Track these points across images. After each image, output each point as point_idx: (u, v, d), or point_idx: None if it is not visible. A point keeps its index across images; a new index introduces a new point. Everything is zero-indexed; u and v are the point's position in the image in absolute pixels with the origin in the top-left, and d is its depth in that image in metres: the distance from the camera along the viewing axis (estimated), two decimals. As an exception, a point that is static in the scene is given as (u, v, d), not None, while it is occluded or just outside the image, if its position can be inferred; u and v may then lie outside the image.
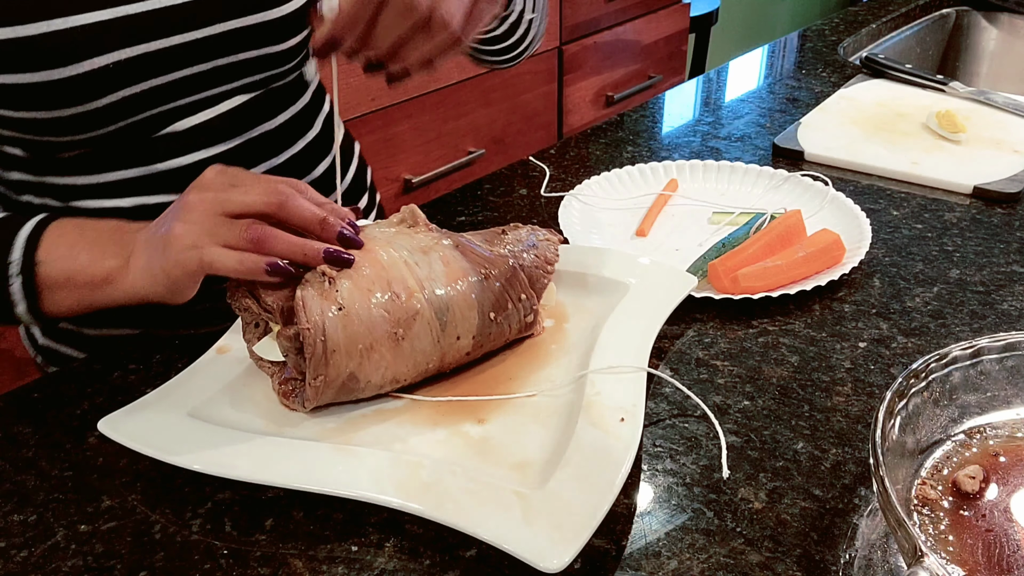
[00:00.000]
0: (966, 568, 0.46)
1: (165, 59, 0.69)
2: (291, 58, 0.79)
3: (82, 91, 0.65)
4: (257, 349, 0.61)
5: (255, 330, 0.61)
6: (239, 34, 0.73)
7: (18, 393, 0.66)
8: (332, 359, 0.55)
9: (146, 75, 0.68)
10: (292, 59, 0.79)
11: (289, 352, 0.56)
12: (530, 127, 2.23)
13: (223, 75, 0.74)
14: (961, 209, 0.89)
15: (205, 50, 0.71)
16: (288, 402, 0.59)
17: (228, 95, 0.76)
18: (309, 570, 0.50)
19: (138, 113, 0.70)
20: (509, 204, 0.92)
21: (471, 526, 0.48)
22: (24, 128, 0.67)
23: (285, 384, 0.60)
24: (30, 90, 0.64)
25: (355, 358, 0.56)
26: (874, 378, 0.65)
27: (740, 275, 0.73)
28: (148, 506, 0.55)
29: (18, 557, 0.52)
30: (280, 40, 0.76)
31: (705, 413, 0.61)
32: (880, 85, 1.22)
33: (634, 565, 0.50)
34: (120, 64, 0.66)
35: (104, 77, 0.65)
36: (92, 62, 0.64)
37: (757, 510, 0.53)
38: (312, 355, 0.55)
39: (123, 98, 0.68)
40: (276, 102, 0.80)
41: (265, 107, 0.79)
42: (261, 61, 0.76)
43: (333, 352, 0.55)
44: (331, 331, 0.55)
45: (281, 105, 0.81)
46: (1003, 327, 0.70)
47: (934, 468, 0.52)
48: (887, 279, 0.77)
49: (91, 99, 0.66)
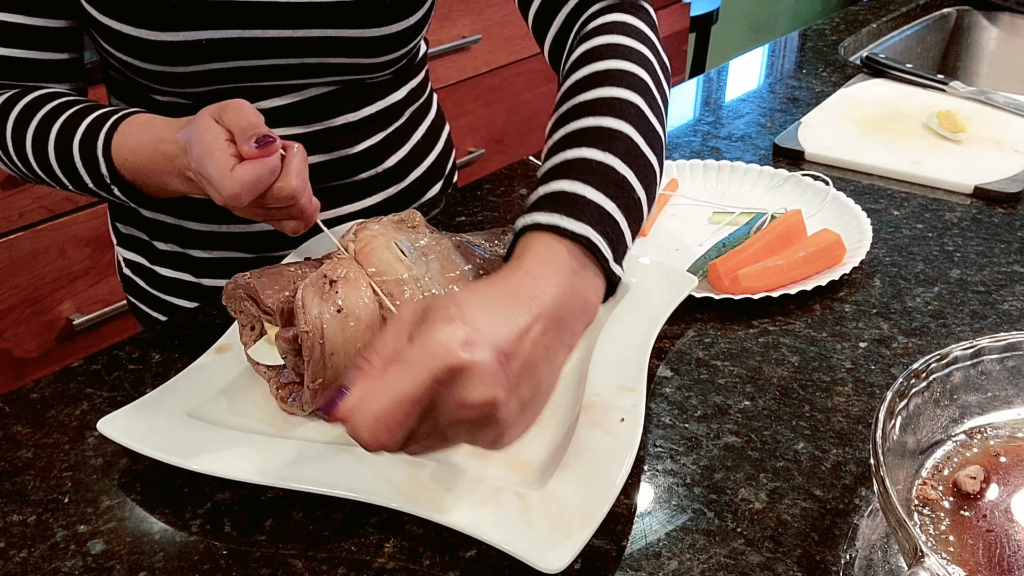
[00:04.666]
0: (967, 568, 0.46)
1: (256, 47, 0.73)
2: (383, 68, 0.81)
3: (174, 55, 0.71)
4: (252, 353, 0.60)
5: (251, 333, 0.61)
6: (333, 42, 0.76)
7: (18, 393, 0.65)
8: (330, 362, 0.55)
9: (234, 56, 0.73)
10: (384, 69, 0.82)
11: (288, 354, 0.56)
12: (530, 127, 2.23)
13: (310, 71, 0.77)
14: (962, 209, 0.89)
15: (296, 47, 0.75)
16: (286, 406, 0.59)
17: (314, 86, 0.79)
18: (309, 570, 0.50)
19: (222, 84, 0.75)
20: (509, 204, 0.92)
21: (471, 526, 0.48)
22: (127, 66, 0.74)
23: (283, 388, 0.59)
24: (132, 41, 0.71)
25: (353, 360, 0.56)
26: (875, 378, 0.65)
27: (740, 275, 0.73)
28: (147, 506, 0.55)
29: (17, 557, 0.52)
30: (373, 55, 0.79)
31: (705, 413, 0.61)
32: (881, 85, 1.22)
33: (634, 565, 0.50)
34: (212, 42, 0.71)
35: (195, 49, 0.71)
36: (187, 34, 0.70)
37: (757, 510, 0.53)
38: (310, 357, 0.54)
39: (210, 70, 0.73)
40: (363, 95, 0.83)
41: (349, 99, 0.82)
42: (351, 67, 0.79)
43: (331, 355, 0.55)
44: (330, 333, 0.55)
45: (368, 99, 0.84)
46: (1004, 327, 0.70)
47: (935, 468, 0.52)
48: (888, 279, 0.77)
49: (181, 64, 0.72)
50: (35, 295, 1.46)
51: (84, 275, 1.51)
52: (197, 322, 0.73)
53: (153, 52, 0.71)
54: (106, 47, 0.73)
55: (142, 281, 0.89)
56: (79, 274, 1.50)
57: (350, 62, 0.78)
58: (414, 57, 0.89)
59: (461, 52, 1.95)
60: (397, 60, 0.82)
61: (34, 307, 1.47)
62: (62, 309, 1.50)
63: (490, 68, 2.05)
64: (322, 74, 0.78)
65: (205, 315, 0.74)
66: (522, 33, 2.08)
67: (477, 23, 1.96)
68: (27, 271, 1.44)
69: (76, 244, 1.47)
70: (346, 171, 0.85)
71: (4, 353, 1.46)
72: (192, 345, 0.70)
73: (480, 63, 2.01)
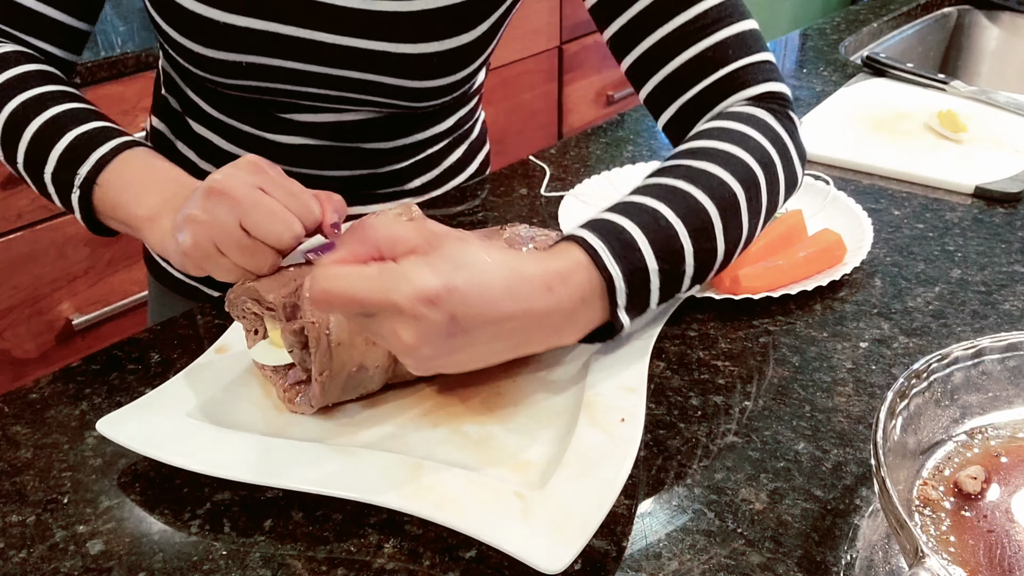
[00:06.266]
0: (968, 569, 0.46)
1: (295, 76, 0.73)
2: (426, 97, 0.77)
3: (218, 69, 0.73)
4: (254, 354, 0.60)
5: (255, 337, 0.61)
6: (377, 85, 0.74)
7: (17, 393, 0.65)
8: (336, 353, 0.55)
9: (274, 79, 0.73)
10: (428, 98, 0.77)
11: (294, 347, 0.56)
12: (530, 127, 2.23)
13: (348, 101, 0.76)
14: (962, 209, 0.89)
15: (338, 83, 0.74)
16: (295, 407, 0.59)
17: (350, 111, 0.78)
18: (308, 571, 0.50)
19: (262, 95, 0.76)
20: (509, 204, 0.92)
21: (471, 527, 0.48)
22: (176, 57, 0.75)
23: (290, 390, 0.59)
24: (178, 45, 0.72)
25: (359, 349, 0.56)
26: (875, 378, 0.64)
27: (741, 275, 0.73)
28: (147, 507, 0.55)
29: (17, 558, 0.52)
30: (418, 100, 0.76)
31: (705, 413, 0.61)
32: (881, 84, 1.21)
33: (634, 566, 0.50)
34: (253, 65, 0.72)
35: (237, 69, 0.73)
36: (230, 55, 0.71)
37: (758, 511, 0.53)
38: (317, 349, 0.54)
39: (250, 86, 0.75)
40: (400, 126, 0.81)
41: (386, 128, 0.80)
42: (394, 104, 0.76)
43: (338, 345, 0.55)
44: (335, 324, 0.54)
45: (409, 129, 0.82)
46: (1005, 327, 0.70)
47: (935, 469, 0.52)
48: (888, 279, 0.77)
49: (224, 76, 0.74)
50: (35, 295, 1.46)
51: (83, 275, 1.51)
52: (197, 322, 0.73)
53: (198, 61, 0.73)
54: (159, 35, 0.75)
55: (166, 263, 0.89)
56: (78, 274, 1.50)
57: (392, 102, 0.76)
58: (467, 90, 0.84)
59: (461, 52, 1.95)
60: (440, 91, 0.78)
61: (33, 307, 1.47)
62: (61, 309, 1.50)
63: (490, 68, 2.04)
64: (362, 105, 0.77)
65: (205, 315, 0.74)
66: (522, 33, 2.08)
67: (477, 23, 1.95)
68: (26, 271, 1.44)
69: (75, 244, 1.47)
70: (368, 186, 0.84)
71: (4, 353, 1.46)
72: (192, 345, 0.70)
73: (480, 63, 2.01)
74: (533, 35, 2.11)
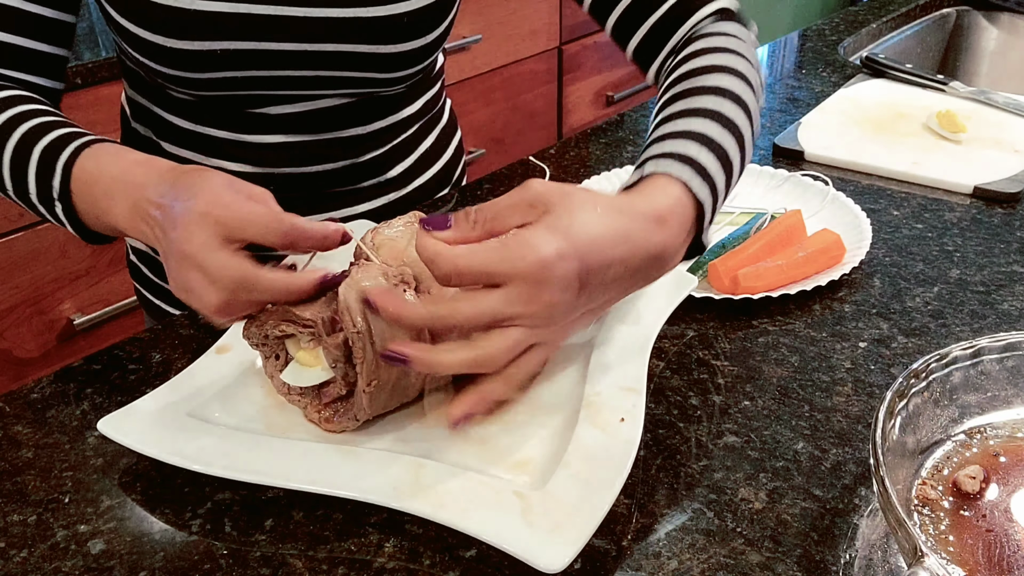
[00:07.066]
0: (966, 568, 0.46)
1: (271, 59, 0.74)
2: (398, 83, 0.81)
3: (189, 62, 0.72)
4: (287, 377, 0.58)
5: (276, 362, 0.59)
6: (349, 56, 0.76)
7: (18, 393, 0.66)
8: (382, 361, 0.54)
9: (249, 67, 0.74)
10: (399, 83, 0.82)
11: (338, 361, 0.55)
12: (530, 127, 2.23)
13: (324, 83, 0.77)
14: (961, 209, 0.89)
15: (311, 60, 0.75)
16: (334, 425, 0.57)
17: (324, 97, 0.79)
18: (309, 570, 0.50)
19: (235, 90, 0.76)
20: (509, 204, 0.92)
21: (471, 526, 0.48)
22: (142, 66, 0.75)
23: (327, 408, 0.58)
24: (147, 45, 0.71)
25: None
26: (874, 378, 0.65)
27: (740, 275, 0.73)
28: (148, 506, 0.55)
29: (17, 558, 0.52)
30: (389, 70, 0.79)
31: (705, 413, 0.61)
32: (880, 85, 1.22)
33: (634, 565, 0.50)
34: (228, 52, 0.72)
35: (210, 58, 0.72)
36: (202, 44, 0.71)
37: (757, 510, 0.53)
38: (363, 359, 0.53)
39: (224, 78, 0.74)
40: (375, 109, 0.83)
41: (362, 112, 0.82)
42: (365, 81, 0.79)
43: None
44: (378, 333, 0.54)
45: (380, 112, 0.84)
46: (1003, 327, 0.70)
47: (934, 468, 0.52)
48: (887, 279, 0.77)
49: (196, 70, 0.73)
50: (36, 295, 1.46)
51: (85, 275, 1.51)
52: (197, 322, 0.73)
53: (168, 57, 0.72)
54: (123, 46, 0.74)
55: (147, 269, 0.90)
56: (80, 274, 1.50)
57: (365, 76, 0.78)
58: (430, 71, 0.88)
59: (461, 52, 1.95)
60: (413, 75, 0.82)
61: (35, 307, 1.47)
62: (63, 309, 1.50)
63: (490, 68, 2.05)
64: (336, 87, 0.78)
65: (205, 315, 0.74)
66: (522, 33, 2.08)
67: (477, 23, 1.96)
68: (27, 271, 1.44)
69: (76, 244, 1.48)
70: (350, 178, 0.85)
71: (4, 353, 1.46)
72: (192, 345, 0.70)
73: (480, 63, 2.01)
74: (533, 35, 2.12)
